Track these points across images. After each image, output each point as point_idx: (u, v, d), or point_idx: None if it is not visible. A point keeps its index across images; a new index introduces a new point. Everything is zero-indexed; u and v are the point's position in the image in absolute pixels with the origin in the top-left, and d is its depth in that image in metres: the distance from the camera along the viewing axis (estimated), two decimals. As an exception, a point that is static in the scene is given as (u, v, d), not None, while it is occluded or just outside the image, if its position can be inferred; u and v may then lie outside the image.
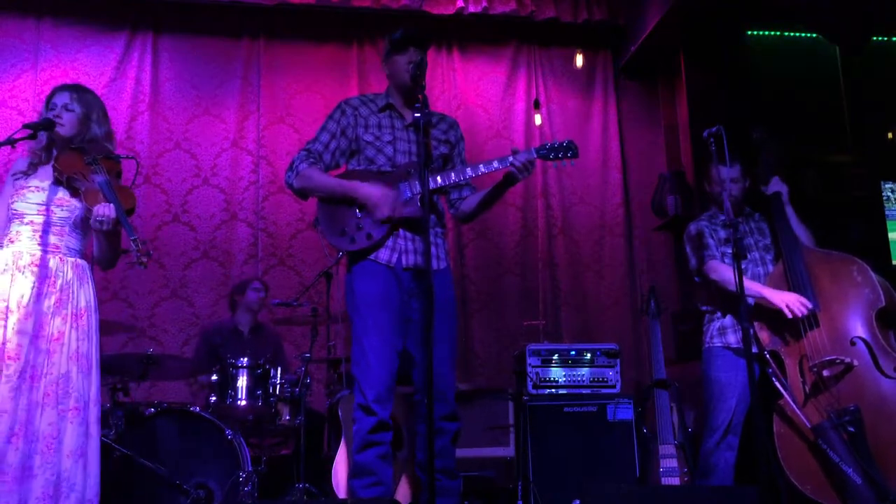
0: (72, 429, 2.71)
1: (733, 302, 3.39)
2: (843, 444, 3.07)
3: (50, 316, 2.77)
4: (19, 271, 2.76)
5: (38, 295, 2.76)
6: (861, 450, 3.04)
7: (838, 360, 3.19)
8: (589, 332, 5.68)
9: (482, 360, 5.58)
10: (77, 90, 3.03)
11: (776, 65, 5.72)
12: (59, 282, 2.81)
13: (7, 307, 2.72)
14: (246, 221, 5.52)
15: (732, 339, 3.47)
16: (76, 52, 5.51)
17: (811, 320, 3.27)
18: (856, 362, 3.19)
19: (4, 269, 2.77)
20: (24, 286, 2.75)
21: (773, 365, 3.27)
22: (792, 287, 3.32)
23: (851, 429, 3.06)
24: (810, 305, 3.24)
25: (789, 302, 3.24)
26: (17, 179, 2.90)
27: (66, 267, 2.85)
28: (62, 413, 2.70)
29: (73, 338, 2.79)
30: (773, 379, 3.24)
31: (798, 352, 3.27)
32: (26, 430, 2.64)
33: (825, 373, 3.19)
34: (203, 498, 3.54)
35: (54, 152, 2.94)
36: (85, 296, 2.87)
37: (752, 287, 3.35)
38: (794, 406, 3.17)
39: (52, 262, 2.82)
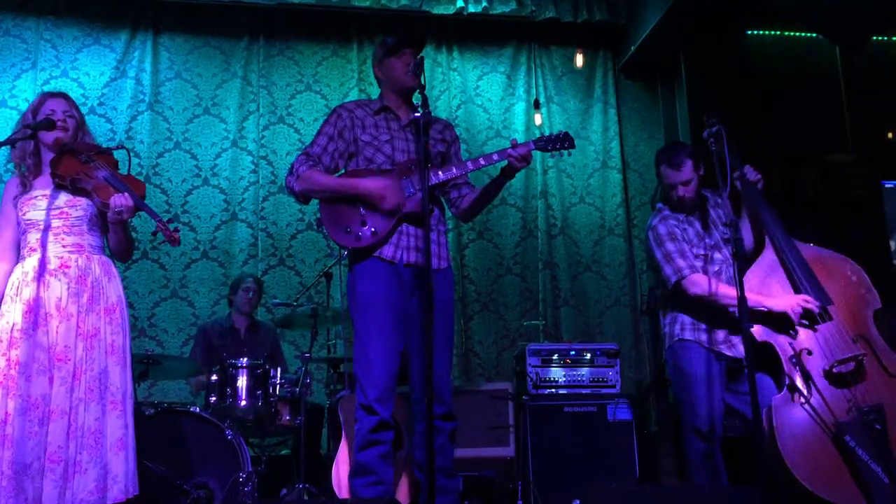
0: (112, 422, 2.77)
1: (716, 310, 3.26)
2: (872, 442, 2.94)
3: (85, 314, 2.81)
4: (51, 276, 2.81)
5: (73, 295, 2.81)
6: (886, 448, 2.93)
7: (851, 357, 3.07)
8: (589, 332, 5.68)
9: (482, 360, 5.58)
10: (68, 97, 3.07)
11: (776, 65, 5.72)
12: (90, 279, 2.85)
13: (46, 312, 2.77)
14: (246, 221, 5.52)
15: (704, 337, 3.30)
16: (76, 52, 5.51)
17: (823, 314, 3.14)
18: (866, 359, 3.09)
19: (34, 277, 2.80)
20: (58, 289, 2.80)
21: (793, 363, 3.12)
22: (797, 279, 3.20)
23: (878, 426, 2.94)
24: (818, 302, 3.12)
25: (792, 305, 3.11)
26: (17, 199, 2.92)
27: (94, 264, 2.88)
28: (104, 408, 2.77)
29: (108, 332, 2.84)
30: (789, 375, 3.10)
31: (799, 346, 3.15)
32: (75, 427, 2.71)
33: (836, 370, 3.07)
34: (203, 498, 3.54)
35: (46, 156, 2.95)
36: (115, 290, 2.92)
37: (749, 299, 3.08)
38: (815, 403, 3.05)
39: (80, 261, 2.86)
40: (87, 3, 5.57)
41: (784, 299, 3.17)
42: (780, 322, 3.19)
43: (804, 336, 3.16)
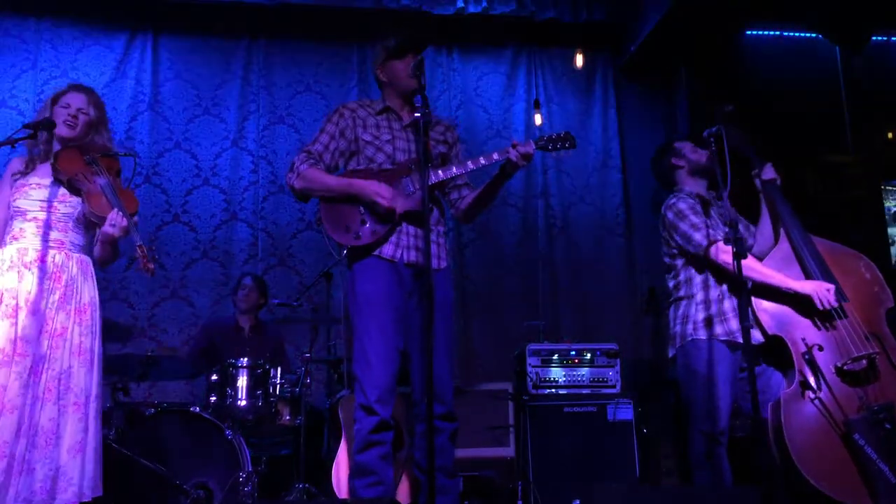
0: (72, 424, 2.72)
1: (738, 284, 3.11)
2: (881, 441, 2.93)
3: (54, 311, 2.79)
4: (26, 268, 2.79)
5: (43, 291, 2.78)
6: (895, 448, 2.91)
7: (865, 355, 3.05)
8: (589, 332, 5.67)
9: (482, 360, 5.57)
10: (92, 94, 3.06)
11: (776, 64, 5.72)
12: (64, 277, 2.83)
13: (17, 304, 2.74)
14: (246, 221, 5.52)
15: (718, 329, 3.21)
16: (76, 52, 5.51)
17: (840, 311, 3.11)
18: (878, 358, 3.06)
19: (11, 266, 2.79)
20: (30, 282, 2.77)
21: (805, 358, 3.08)
22: (813, 274, 3.17)
23: (888, 426, 2.92)
24: (835, 298, 3.08)
25: (818, 289, 3.06)
26: (16, 178, 2.92)
27: (71, 262, 2.86)
28: (63, 408, 2.72)
29: (76, 333, 2.81)
30: (801, 370, 3.06)
31: (811, 341, 3.11)
32: (28, 425, 2.66)
33: (847, 367, 3.04)
34: (203, 498, 3.54)
35: (55, 147, 2.95)
36: (88, 291, 2.89)
37: (775, 276, 3.14)
38: (826, 399, 3.02)
39: (58, 257, 2.84)
40: (87, 3, 5.56)
41: (810, 283, 3.12)
42: (800, 306, 3.14)
43: (817, 331, 3.13)
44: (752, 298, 3.18)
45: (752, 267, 3.12)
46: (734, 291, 3.23)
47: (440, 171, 3.04)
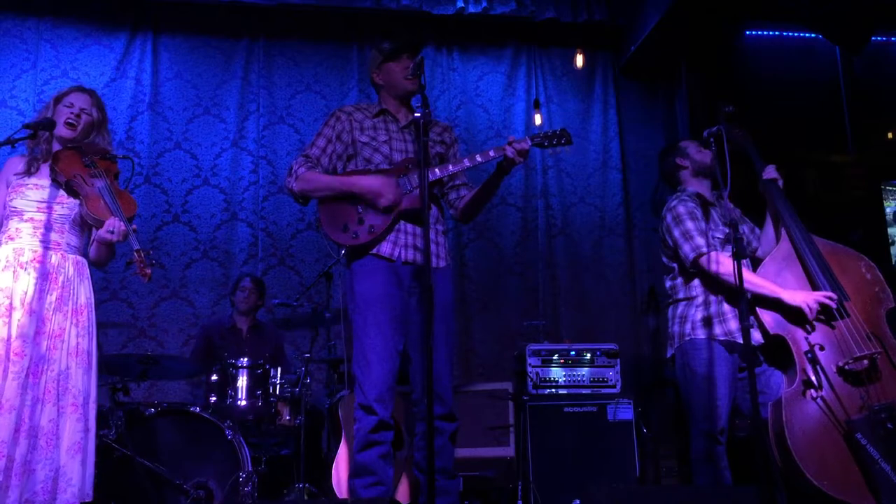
0: (70, 424, 2.73)
1: (728, 295, 3.19)
2: (883, 441, 2.93)
3: (51, 312, 2.78)
4: (22, 268, 2.79)
5: (40, 291, 2.78)
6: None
7: (867, 354, 3.05)
8: (589, 332, 5.67)
9: (482, 360, 5.57)
10: (95, 95, 3.07)
11: (776, 65, 5.72)
12: (61, 278, 2.83)
13: (11, 304, 2.74)
14: (246, 221, 5.52)
15: (717, 330, 3.22)
16: (76, 52, 5.51)
17: (840, 310, 3.11)
18: (879, 357, 3.07)
19: (6, 266, 2.78)
20: (26, 283, 2.78)
21: (808, 357, 3.08)
22: (814, 273, 3.17)
23: (890, 425, 2.93)
24: (835, 297, 3.09)
25: (808, 301, 3.08)
26: (14, 178, 2.92)
27: (68, 263, 2.87)
28: (62, 409, 2.73)
29: (73, 334, 2.81)
30: (804, 370, 3.06)
31: (813, 340, 3.11)
32: (28, 426, 2.66)
33: (849, 367, 3.04)
34: (203, 498, 3.54)
35: (55, 148, 2.96)
36: (85, 292, 2.89)
37: (766, 287, 3.15)
38: (828, 398, 3.02)
39: (54, 258, 2.84)
40: (87, 3, 5.57)
41: (800, 294, 3.13)
42: (794, 315, 3.14)
43: (818, 331, 3.13)
44: (756, 306, 3.17)
45: (744, 277, 3.07)
46: (733, 295, 3.20)
47: (437, 170, 3.06)
